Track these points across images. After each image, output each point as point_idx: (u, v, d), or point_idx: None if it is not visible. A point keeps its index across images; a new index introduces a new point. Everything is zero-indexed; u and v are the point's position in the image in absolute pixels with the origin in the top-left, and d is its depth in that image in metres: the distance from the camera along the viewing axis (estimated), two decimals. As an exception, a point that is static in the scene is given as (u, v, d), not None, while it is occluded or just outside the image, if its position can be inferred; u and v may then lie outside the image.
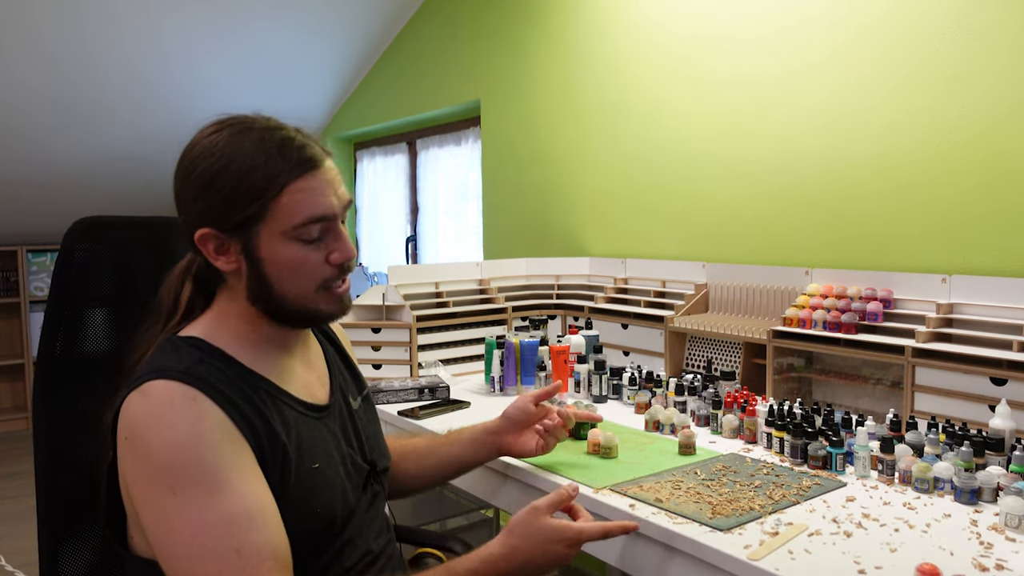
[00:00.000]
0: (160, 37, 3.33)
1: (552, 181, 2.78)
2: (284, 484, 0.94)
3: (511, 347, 1.98)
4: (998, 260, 1.57)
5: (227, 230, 0.95)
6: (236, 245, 0.96)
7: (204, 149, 0.96)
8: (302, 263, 0.97)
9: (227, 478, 0.86)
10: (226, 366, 0.96)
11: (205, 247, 0.97)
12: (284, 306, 0.99)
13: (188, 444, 0.85)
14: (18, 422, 4.92)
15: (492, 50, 3.06)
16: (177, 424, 0.86)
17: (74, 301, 1.17)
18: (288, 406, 1.00)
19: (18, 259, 4.79)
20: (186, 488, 0.84)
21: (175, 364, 0.92)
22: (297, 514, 0.94)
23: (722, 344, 1.96)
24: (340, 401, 1.11)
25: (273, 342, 1.03)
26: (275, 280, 0.97)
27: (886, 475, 1.31)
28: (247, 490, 0.87)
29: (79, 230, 1.17)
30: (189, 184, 0.97)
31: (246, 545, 0.83)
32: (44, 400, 1.15)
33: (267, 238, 0.96)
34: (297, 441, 0.98)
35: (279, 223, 0.95)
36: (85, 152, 4.03)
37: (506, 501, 1.51)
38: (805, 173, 1.92)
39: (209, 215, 0.95)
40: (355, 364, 1.24)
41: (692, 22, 2.19)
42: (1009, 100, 1.54)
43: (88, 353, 1.18)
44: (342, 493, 1.03)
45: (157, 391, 0.88)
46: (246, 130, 0.97)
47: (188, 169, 0.97)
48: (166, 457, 0.85)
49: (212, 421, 0.88)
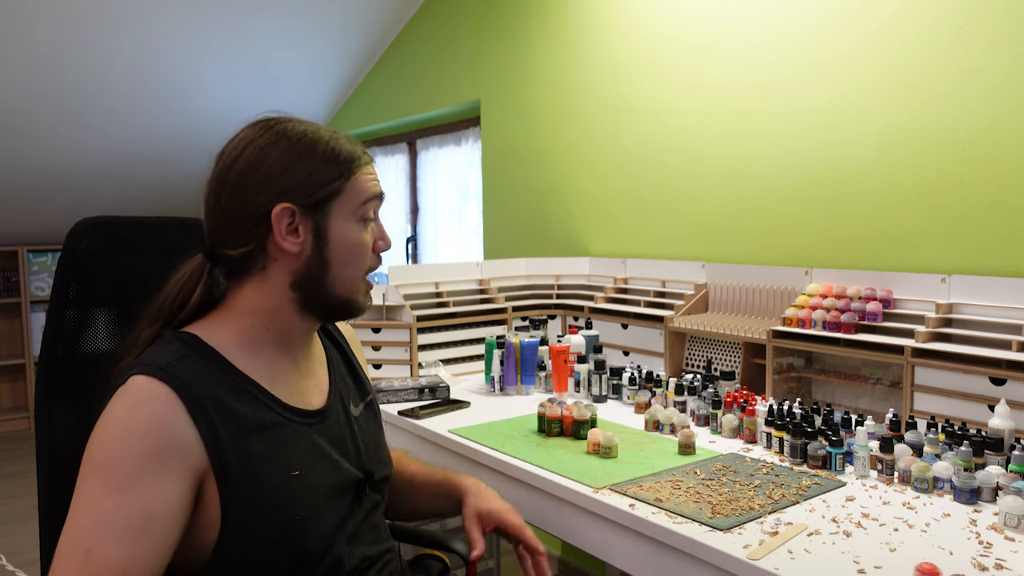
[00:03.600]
0: (160, 38, 3.34)
1: (552, 181, 2.79)
2: (256, 491, 0.93)
3: (511, 347, 1.98)
4: (998, 260, 1.57)
5: (307, 206, 0.99)
6: (308, 224, 0.99)
7: (278, 135, 1.00)
8: (362, 246, 1.03)
9: (135, 484, 0.85)
10: (211, 365, 0.96)
11: (279, 224, 0.98)
12: (331, 292, 1.02)
13: (122, 437, 0.86)
14: (18, 422, 4.92)
15: (492, 50, 3.07)
16: (127, 417, 0.88)
17: (76, 301, 1.18)
18: (272, 411, 0.99)
19: (19, 259, 4.79)
20: (98, 474, 0.85)
21: (158, 359, 0.93)
22: (274, 521, 0.94)
23: (722, 344, 1.96)
24: (337, 408, 1.10)
25: (278, 344, 1.03)
26: (335, 262, 1.01)
27: (885, 475, 1.31)
28: (144, 506, 0.85)
29: (82, 230, 1.18)
30: (266, 166, 0.98)
31: (99, 551, 0.82)
32: (47, 400, 1.15)
33: (338, 216, 1.01)
34: (274, 447, 0.97)
35: (351, 201, 1.02)
36: (85, 152, 4.04)
37: (506, 501, 1.51)
38: (805, 173, 1.92)
39: (291, 192, 0.98)
40: (361, 369, 1.22)
41: (692, 22, 2.19)
42: (1009, 100, 1.54)
43: (91, 353, 1.19)
44: (327, 501, 1.01)
45: (132, 386, 0.90)
46: (314, 126, 1.04)
47: (260, 155, 0.99)
48: (101, 444, 0.87)
49: (161, 424, 0.88)
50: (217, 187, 1.00)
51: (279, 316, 1.02)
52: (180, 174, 4.35)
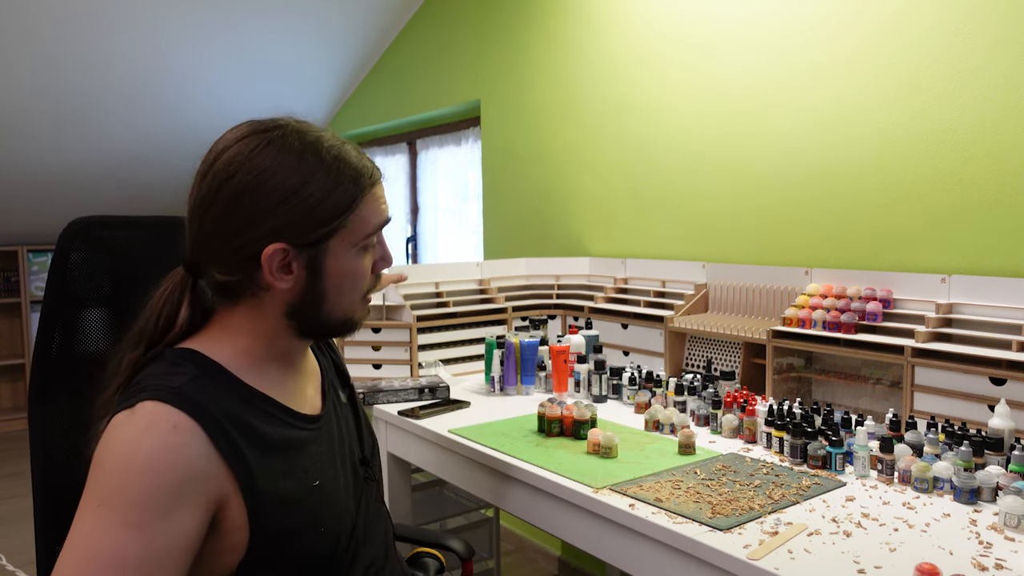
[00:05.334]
0: (160, 38, 3.34)
1: (552, 181, 2.79)
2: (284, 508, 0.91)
3: (511, 347, 1.98)
4: (998, 260, 1.57)
5: (301, 245, 0.91)
6: (302, 261, 0.92)
7: (273, 160, 0.89)
8: (362, 273, 0.97)
9: (150, 522, 0.80)
10: (222, 384, 0.91)
11: (269, 264, 0.90)
12: (328, 320, 0.96)
13: (138, 471, 0.81)
14: (18, 422, 4.92)
15: (492, 50, 3.06)
16: (141, 447, 0.81)
17: (70, 301, 1.17)
18: (288, 424, 0.96)
19: (18, 259, 4.80)
20: (110, 508, 0.80)
21: (167, 382, 0.86)
22: (302, 535, 0.93)
23: (722, 344, 1.96)
24: (333, 399, 1.10)
25: (283, 359, 0.99)
26: (332, 293, 0.94)
27: (885, 475, 1.31)
28: (161, 542, 0.80)
29: (74, 230, 1.17)
30: (257, 199, 0.88)
31: None
32: (41, 400, 1.15)
33: (338, 251, 0.93)
34: (294, 460, 0.95)
35: (353, 235, 0.94)
36: (85, 152, 4.04)
37: (506, 500, 1.51)
38: (805, 173, 1.92)
39: (284, 232, 0.89)
40: (341, 358, 1.22)
41: (692, 22, 2.19)
42: (1009, 100, 1.54)
43: (85, 353, 1.18)
44: (344, 504, 1.01)
45: (143, 411, 0.84)
46: (315, 139, 0.93)
47: (252, 184, 0.88)
48: (112, 474, 0.81)
49: (180, 456, 0.82)
50: (202, 203, 0.91)
51: (276, 339, 0.97)
52: (180, 174, 4.33)
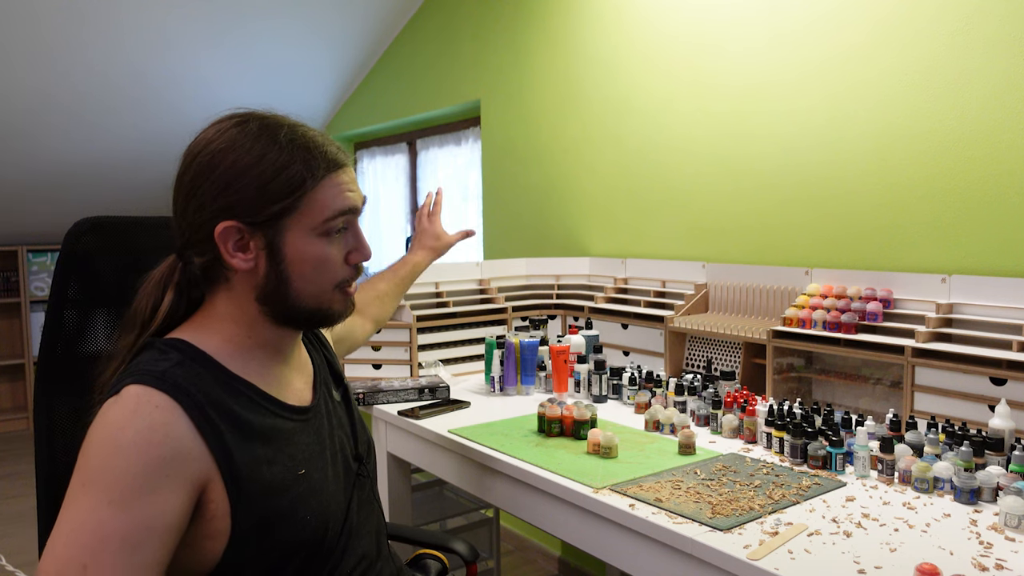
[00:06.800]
0: (161, 38, 3.34)
1: (552, 181, 2.79)
2: (268, 495, 0.92)
3: (511, 347, 1.98)
4: (998, 260, 1.57)
5: (254, 224, 0.92)
6: (259, 241, 0.93)
7: (230, 141, 0.93)
8: (325, 260, 0.97)
9: (134, 499, 0.81)
10: (207, 371, 0.93)
11: (224, 243, 0.93)
12: (298, 306, 0.97)
13: (121, 450, 0.82)
14: (18, 422, 4.92)
15: (492, 50, 3.06)
16: (125, 428, 0.83)
17: (75, 301, 1.18)
18: (272, 412, 0.97)
19: (18, 259, 4.80)
20: (95, 487, 0.82)
21: (152, 367, 0.89)
22: (287, 524, 0.93)
23: (722, 344, 1.96)
24: (324, 395, 1.10)
25: (268, 347, 1.00)
26: (295, 278, 0.95)
27: (886, 475, 1.31)
28: (143, 520, 0.82)
29: (81, 230, 1.18)
30: (212, 178, 0.92)
31: (96, 566, 0.79)
32: (45, 400, 1.15)
33: (295, 233, 0.94)
34: (279, 448, 0.96)
35: (310, 217, 0.94)
36: (86, 152, 4.04)
37: (506, 500, 1.51)
38: (805, 173, 1.92)
39: (236, 208, 0.92)
40: (336, 357, 1.22)
41: (693, 22, 2.19)
42: (1009, 100, 1.54)
43: (89, 353, 1.19)
44: (332, 496, 1.01)
45: (128, 395, 0.86)
46: (275, 124, 0.95)
47: (209, 163, 0.93)
48: (98, 456, 0.83)
49: (163, 434, 0.84)
50: (176, 186, 0.96)
51: (257, 326, 0.98)
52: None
